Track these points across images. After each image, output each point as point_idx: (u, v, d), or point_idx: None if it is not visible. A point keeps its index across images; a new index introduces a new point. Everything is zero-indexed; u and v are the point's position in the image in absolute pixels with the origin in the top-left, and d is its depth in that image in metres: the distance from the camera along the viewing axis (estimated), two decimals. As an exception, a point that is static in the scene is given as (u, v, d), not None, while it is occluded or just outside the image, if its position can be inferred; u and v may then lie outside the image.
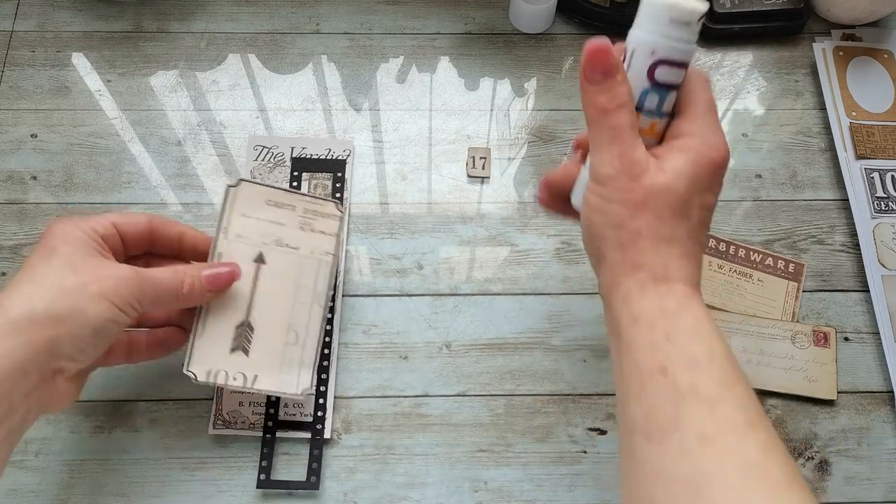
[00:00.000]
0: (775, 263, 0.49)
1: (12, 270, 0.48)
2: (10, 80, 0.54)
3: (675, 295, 0.32)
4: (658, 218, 0.32)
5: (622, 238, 0.33)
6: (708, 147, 0.33)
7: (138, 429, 0.44)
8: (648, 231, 0.32)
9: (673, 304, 0.32)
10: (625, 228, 0.33)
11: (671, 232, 0.33)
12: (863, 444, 0.45)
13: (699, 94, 0.35)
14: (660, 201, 0.32)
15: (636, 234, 0.33)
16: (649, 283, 0.32)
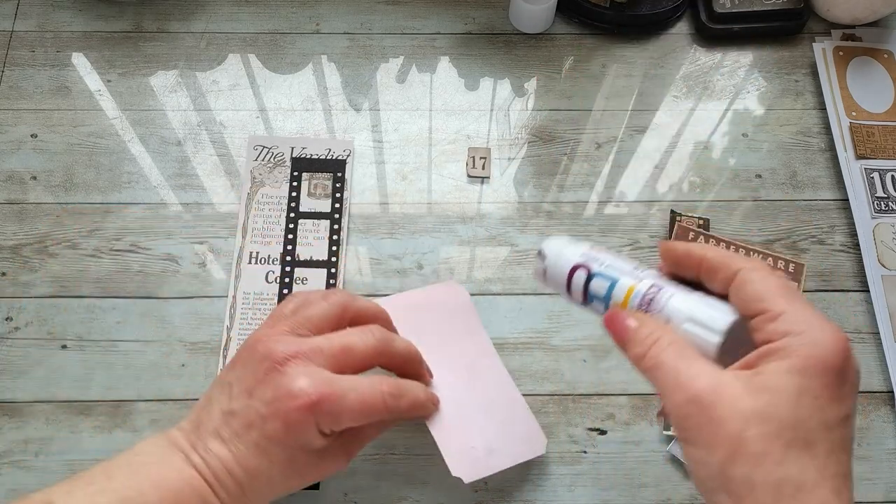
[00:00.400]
0: (775, 263, 0.49)
1: (12, 270, 0.48)
2: (10, 80, 0.54)
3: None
4: (766, 457, 0.26)
5: (733, 490, 0.26)
6: (812, 345, 0.27)
7: (138, 429, 0.44)
8: (762, 479, 0.26)
9: None
10: (731, 480, 0.26)
11: (793, 474, 0.26)
12: (863, 444, 0.45)
13: (764, 286, 0.29)
14: (758, 434, 0.26)
15: (748, 485, 0.26)
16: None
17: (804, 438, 0.26)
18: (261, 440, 0.34)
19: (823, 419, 0.26)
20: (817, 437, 0.26)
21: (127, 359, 0.46)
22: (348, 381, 0.35)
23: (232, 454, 0.34)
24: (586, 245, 0.34)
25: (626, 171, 0.53)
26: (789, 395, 0.26)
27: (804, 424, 0.26)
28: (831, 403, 0.26)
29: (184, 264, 0.49)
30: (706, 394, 0.27)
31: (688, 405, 0.27)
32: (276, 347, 0.35)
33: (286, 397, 0.34)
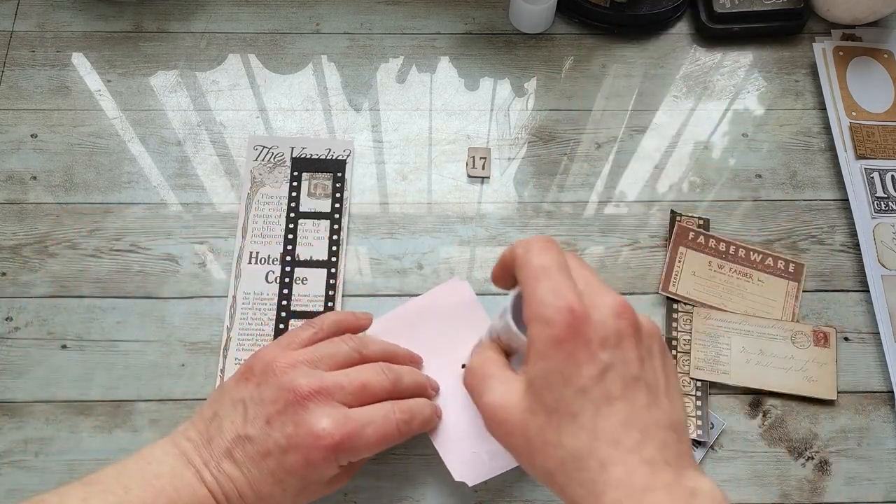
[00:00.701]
0: (775, 263, 0.49)
1: (12, 270, 0.48)
2: (10, 80, 0.54)
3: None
4: (547, 446, 0.29)
5: (548, 485, 0.30)
6: (542, 326, 0.29)
7: (138, 429, 0.44)
8: (553, 466, 0.29)
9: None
10: (539, 476, 0.30)
11: (569, 449, 0.28)
12: (863, 444, 0.45)
13: (519, 267, 0.32)
14: (536, 428, 0.29)
15: (548, 475, 0.30)
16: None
17: (568, 413, 0.28)
18: (277, 470, 0.35)
19: (578, 387, 0.28)
20: (578, 406, 0.28)
21: (127, 359, 0.46)
22: (365, 415, 0.36)
23: (245, 478, 0.35)
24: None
25: (626, 171, 0.53)
26: (543, 381, 0.29)
27: (562, 401, 0.28)
28: (577, 369, 0.28)
29: (184, 264, 0.49)
30: (498, 411, 0.30)
31: (492, 427, 0.31)
32: (300, 381, 0.36)
33: (309, 436, 0.34)
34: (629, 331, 0.30)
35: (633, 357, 0.29)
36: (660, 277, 0.49)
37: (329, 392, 0.36)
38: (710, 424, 0.45)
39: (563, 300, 0.29)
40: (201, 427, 0.36)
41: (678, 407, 0.31)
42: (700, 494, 0.28)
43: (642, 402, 0.29)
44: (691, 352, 0.47)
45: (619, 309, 0.30)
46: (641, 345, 0.30)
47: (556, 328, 0.29)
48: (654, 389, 0.30)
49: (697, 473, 0.29)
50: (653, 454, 0.28)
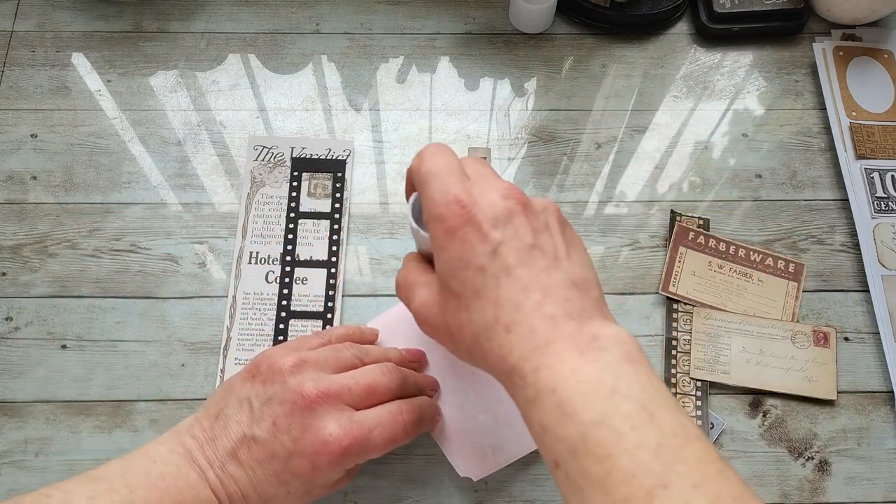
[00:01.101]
0: (775, 263, 0.49)
1: (12, 270, 0.48)
2: (10, 79, 0.54)
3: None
4: (461, 328, 0.32)
5: (474, 364, 0.33)
6: (430, 214, 0.32)
7: (138, 429, 0.44)
8: (464, 349, 0.33)
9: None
10: (462, 356, 0.34)
11: (477, 322, 0.31)
12: (863, 444, 0.45)
13: (413, 172, 0.34)
14: (450, 315, 0.32)
15: (470, 358, 0.33)
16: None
17: (473, 291, 0.31)
18: (282, 472, 0.35)
19: (476, 266, 0.31)
20: (480, 283, 0.30)
21: (127, 359, 0.46)
22: (372, 418, 0.36)
23: (249, 479, 0.35)
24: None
25: (626, 171, 0.53)
26: (448, 270, 0.31)
27: (466, 283, 0.31)
28: (473, 251, 0.30)
29: (184, 264, 0.49)
30: (422, 311, 0.33)
31: (422, 327, 0.34)
32: (308, 384, 0.36)
33: (316, 440, 0.34)
34: (518, 208, 0.31)
35: (525, 229, 0.31)
36: (660, 277, 0.49)
37: (337, 395, 0.36)
38: (710, 424, 0.45)
39: (450, 195, 0.31)
40: (206, 424, 0.36)
41: (582, 267, 0.32)
42: (602, 338, 0.29)
43: (540, 266, 0.31)
44: (691, 352, 0.47)
45: (505, 191, 0.31)
46: (535, 219, 0.32)
47: (448, 220, 0.31)
48: (553, 254, 0.31)
49: (603, 321, 0.30)
50: (554, 310, 0.30)
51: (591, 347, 0.29)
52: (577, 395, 0.28)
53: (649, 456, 0.26)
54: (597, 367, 0.28)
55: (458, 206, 0.31)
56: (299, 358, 0.37)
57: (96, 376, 0.46)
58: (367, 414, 0.36)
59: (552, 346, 0.29)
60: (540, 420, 0.29)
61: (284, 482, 0.35)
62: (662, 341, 0.47)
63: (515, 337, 0.30)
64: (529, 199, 0.32)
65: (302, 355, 0.37)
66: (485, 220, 0.31)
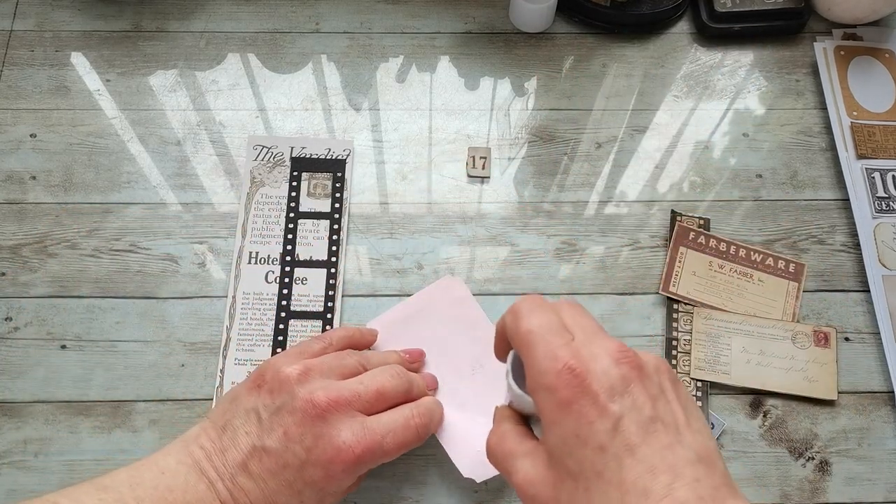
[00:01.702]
0: (776, 263, 0.49)
1: (11, 270, 0.48)
2: (9, 79, 0.54)
3: None
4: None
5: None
6: (541, 391, 0.29)
7: (138, 429, 0.44)
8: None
9: None
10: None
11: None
12: (863, 444, 0.45)
13: (511, 334, 0.31)
14: (566, 498, 0.28)
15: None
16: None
17: (593, 473, 0.27)
18: (296, 482, 0.35)
19: (596, 445, 0.27)
20: (601, 464, 0.27)
21: (126, 359, 0.46)
22: (385, 424, 0.36)
23: (261, 490, 0.34)
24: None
25: (627, 170, 0.53)
26: (562, 447, 0.28)
27: (584, 462, 0.27)
28: (591, 427, 0.27)
29: (183, 264, 0.49)
30: (527, 489, 0.29)
31: (527, 502, 0.30)
32: (318, 392, 0.35)
33: (329, 449, 0.34)
34: (633, 374, 0.29)
35: (643, 399, 0.28)
36: (660, 277, 0.49)
37: (347, 402, 0.36)
38: (711, 425, 0.45)
39: (560, 362, 0.28)
40: (213, 435, 0.36)
41: (704, 436, 0.29)
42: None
43: (664, 443, 0.27)
44: (692, 352, 0.47)
45: (617, 354, 0.29)
46: (651, 383, 0.29)
47: (560, 392, 0.28)
48: (674, 425, 0.28)
49: (736, 502, 0.27)
50: (685, 495, 0.26)
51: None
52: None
53: None
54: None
55: (571, 374, 0.28)
56: (305, 366, 0.37)
57: (96, 376, 0.46)
58: (380, 420, 0.36)
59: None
60: None
61: (298, 492, 0.35)
62: (663, 341, 0.47)
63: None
64: (642, 360, 0.30)
65: (307, 363, 0.37)
66: (601, 391, 0.28)
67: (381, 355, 0.42)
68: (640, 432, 0.27)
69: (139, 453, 0.43)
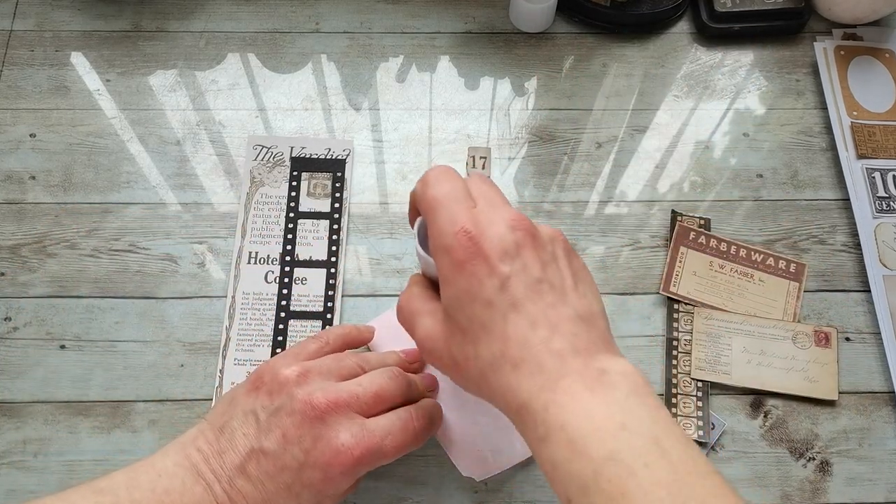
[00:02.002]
0: (776, 263, 0.49)
1: (10, 270, 0.48)
2: (9, 79, 0.54)
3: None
4: (466, 361, 0.32)
5: (483, 394, 0.33)
6: (441, 252, 0.31)
7: (137, 429, 0.44)
8: (472, 381, 0.32)
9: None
10: (465, 387, 0.34)
11: (485, 356, 0.31)
12: (864, 444, 0.45)
13: (417, 198, 0.34)
14: (456, 346, 0.32)
15: (476, 390, 0.33)
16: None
17: (480, 326, 0.30)
18: (294, 484, 0.34)
19: (484, 300, 0.30)
20: (487, 318, 0.30)
21: (126, 359, 0.46)
22: (384, 425, 0.36)
23: (259, 493, 0.34)
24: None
25: (627, 170, 0.53)
26: (455, 303, 0.31)
27: (473, 317, 0.30)
28: (481, 284, 0.30)
29: (183, 264, 0.49)
30: (426, 342, 0.33)
31: (426, 357, 0.33)
32: (317, 394, 0.35)
33: (328, 451, 0.34)
34: (526, 240, 0.31)
35: (533, 262, 0.31)
36: (660, 277, 0.49)
37: (346, 403, 0.35)
38: (711, 425, 0.45)
39: (457, 225, 0.31)
40: (211, 437, 0.35)
41: (589, 300, 0.32)
42: (610, 373, 0.29)
43: (548, 301, 0.30)
44: (692, 352, 0.47)
45: (513, 221, 0.31)
46: (543, 250, 0.31)
47: (455, 253, 0.30)
48: (560, 288, 0.31)
49: (611, 356, 0.30)
50: (561, 346, 0.29)
51: (600, 383, 0.29)
52: (588, 431, 0.28)
53: (664, 493, 0.26)
54: (606, 403, 0.28)
55: (466, 237, 0.30)
56: (303, 368, 0.37)
57: (95, 376, 0.45)
58: (378, 422, 0.36)
59: (561, 383, 0.29)
60: (551, 457, 0.28)
61: (296, 494, 0.34)
62: (663, 342, 0.47)
63: (523, 374, 0.29)
64: (537, 228, 0.32)
65: (305, 365, 0.37)
66: (493, 253, 0.30)
67: (379, 356, 0.41)
68: (527, 291, 0.30)
69: (139, 453, 0.43)
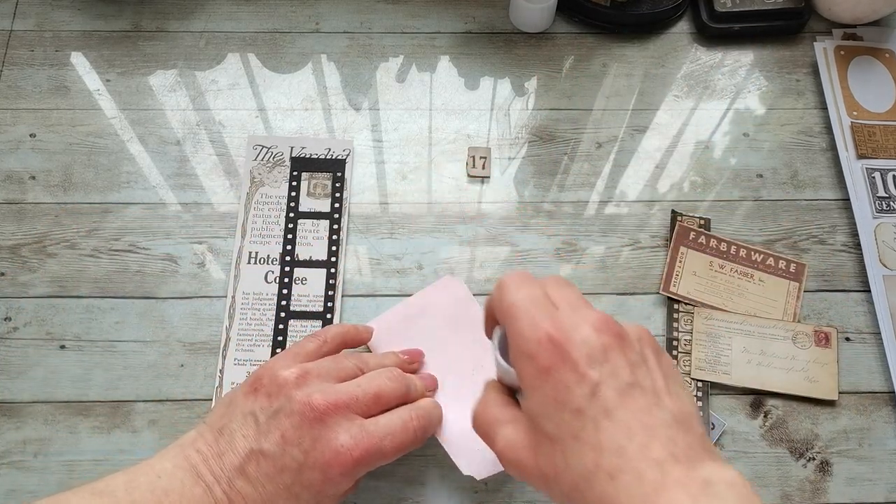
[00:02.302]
0: (776, 263, 0.49)
1: (10, 270, 0.48)
2: (9, 79, 0.54)
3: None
4: (557, 477, 0.29)
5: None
6: (520, 358, 0.30)
7: (137, 429, 0.44)
8: (558, 495, 0.30)
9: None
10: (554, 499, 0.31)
11: (576, 469, 0.28)
12: (864, 444, 0.45)
13: (495, 305, 0.33)
14: (544, 463, 0.29)
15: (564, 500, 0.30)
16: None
17: (570, 435, 0.28)
18: (293, 485, 0.34)
19: (573, 408, 0.28)
20: (578, 427, 0.28)
21: (126, 359, 0.46)
22: (383, 426, 0.36)
23: (258, 494, 0.34)
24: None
25: (627, 170, 0.53)
26: (541, 412, 0.29)
27: (562, 426, 0.29)
28: (569, 392, 0.29)
29: (183, 264, 0.49)
30: (509, 454, 0.31)
31: (509, 468, 0.31)
32: (316, 395, 0.35)
33: (328, 452, 0.34)
34: (614, 342, 0.29)
35: (623, 366, 0.29)
36: (660, 277, 0.49)
37: (346, 405, 0.35)
38: (711, 425, 0.45)
39: (540, 330, 0.29)
40: (210, 439, 0.35)
41: (683, 401, 0.30)
42: (715, 483, 0.27)
43: (641, 406, 0.28)
44: (692, 352, 0.47)
45: (598, 324, 0.30)
46: (631, 352, 0.30)
47: (540, 359, 0.29)
48: (653, 391, 0.29)
49: (713, 463, 0.28)
50: (660, 454, 0.27)
51: (705, 494, 0.26)
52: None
53: None
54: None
55: (550, 342, 0.29)
56: (302, 370, 0.37)
57: (95, 376, 0.45)
58: (378, 423, 0.36)
59: (662, 496, 0.26)
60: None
61: (295, 495, 0.34)
62: (663, 342, 0.47)
63: (621, 484, 0.27)
64: (623, 330, 0.30)
65: (304, 367, 0.37)
66: (580, 358, 0.29)
67: (378, 357, 0.42)
68: (618, 397, 0.28)
69: (138, 453, 0.43)
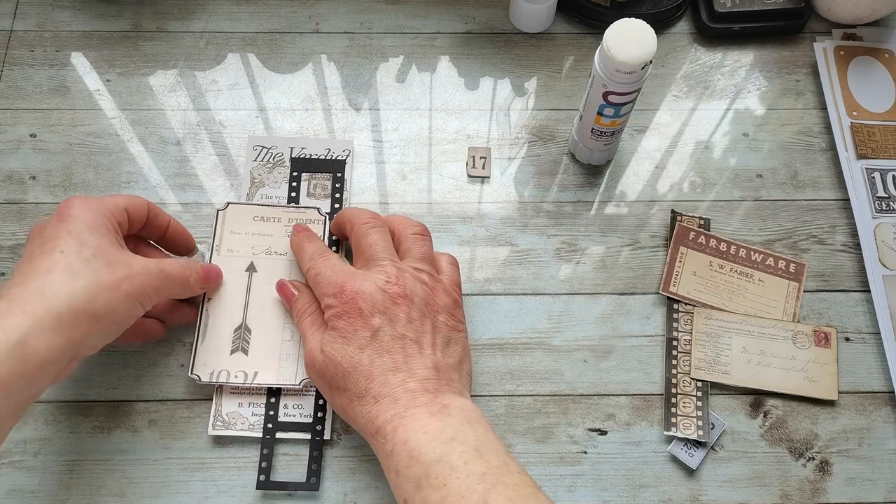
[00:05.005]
0: (776, 263, 0.49)
1: (11, 270, 0.48)
2: (9, 79, 0.54)
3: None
4: (349, 393, 0.40)
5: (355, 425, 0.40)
6: (325, 301, 0.41)
7: (137, 429, 0.44)
8: (356, 413, 0.39)
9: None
10: (341, 414, 0.41)
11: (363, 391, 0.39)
12: (864, 444, 0.45)
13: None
14: (332, 375, 0.40)
15: (350, 419, 0.40)
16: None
17: (351, 365, 0.38)
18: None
19: (357, 345, 0.38)
20: (357, 360, 0.38)
21: (126, 359, 0.46)
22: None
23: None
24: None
25: (627, 170, 0.53)
26: (332, 343, 0.39)
27: (346, 356, 0.38)
28: (355, 333, 0.39)
29: (183, 264, 0.49)
30: (308, 356, 0.41)
31: (306, 366, 0.42)
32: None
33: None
34: (396, 300, 0.39)
35: (401, 318, 0.39)
36: (660, 277, 0.49)
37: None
38: (711, 425, 0.45)
39: (336, 284, 0.40)
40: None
41: (448, 357, 0.40)
42: (451, 407, 0.37)
43: (409, 353, 0.38)
44: (692, 352, 0.47)
45: (383, 285, 0.39)
46: (411, 309, 0.39)
47: (336, 307, 0.39)
48: (420, 343, 0.39)
49: (455, 395, 0.38)
50: (414, 386, 0.37)
51: (440, 412, 0.36)
52: (423, 442, 0.35)
53: (475, 480, 0.33)
54: (441, 424, 0.36)
55: (343, 295, 0.40)
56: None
57: (95, 376, 0.46)
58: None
59: (409, 412, 0.37)
60: (395, 466, 0.35)
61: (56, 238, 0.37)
62: (663, 341, 0.47)
63: (381, 405, 0.37)
64: (409, 289, 0.40)
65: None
66: (366, 308, 0.39)
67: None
68: (391, 342, 0.38)
69: (139, 453, 0.43)
